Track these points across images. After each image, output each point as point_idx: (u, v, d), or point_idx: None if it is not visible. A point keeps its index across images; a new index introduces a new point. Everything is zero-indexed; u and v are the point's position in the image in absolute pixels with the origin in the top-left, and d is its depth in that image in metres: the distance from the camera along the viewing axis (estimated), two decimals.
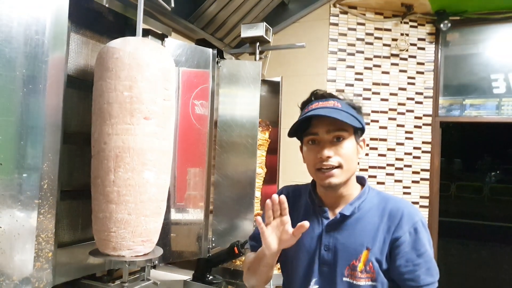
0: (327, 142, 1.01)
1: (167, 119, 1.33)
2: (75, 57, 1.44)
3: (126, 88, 1.25)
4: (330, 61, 3.08)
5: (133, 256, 1.28)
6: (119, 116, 1.25)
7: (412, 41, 3.10)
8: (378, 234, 1.00)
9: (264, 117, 2.36)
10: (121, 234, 1.25)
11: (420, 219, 1.01)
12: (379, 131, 3.11)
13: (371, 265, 0.99)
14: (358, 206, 1.04)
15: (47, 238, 1.19)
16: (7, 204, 1.06)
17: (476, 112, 3.08)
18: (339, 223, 1.04)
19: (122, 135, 1.25)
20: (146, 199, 1.27)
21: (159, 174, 1.30)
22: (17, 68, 1.09)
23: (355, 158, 1.04)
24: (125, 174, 1.24)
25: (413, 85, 3.11)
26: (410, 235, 0.99)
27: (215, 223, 2.02)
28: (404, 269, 0.98)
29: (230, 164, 2.03)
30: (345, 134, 1.01)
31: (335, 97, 1.06)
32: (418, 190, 3.10)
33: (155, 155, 1.28)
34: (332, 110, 1.00)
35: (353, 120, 1.01)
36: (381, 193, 1.10)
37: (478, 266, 5.99)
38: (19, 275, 1.11)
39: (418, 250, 0.98)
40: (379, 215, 1.03)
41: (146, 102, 1.26)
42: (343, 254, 1.01)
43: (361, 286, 0.99)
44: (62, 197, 1.29)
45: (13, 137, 1.09)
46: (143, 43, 1.31)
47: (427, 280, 0.98)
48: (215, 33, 2.76)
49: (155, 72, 1.28)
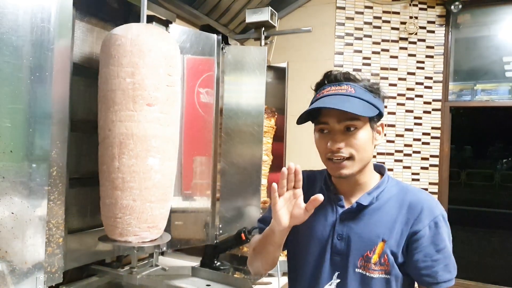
0: (337, 132, 0.95)
1: (171, 105, 1.32)
2: (80, 45, 1.45)
3: (128, 75, 1.26)
4: (337, 46, 3.04)
5: (140, 242, 1.30)
6: (122, 102, 1.26)
7: (421, 24, 3.03)
8: (395, 226, 0.96)
9: (270, 104, 2.35)
10: (126, 220, 1.27)
11: (441, 213, 0.97)
12: (387, 117, 3.07)
13: (386, 257, 0.95)
14: (376, 196, 0.99)
15: (57, 224, 1.21)
16: (18, 191, 1.08)
17: (487, 97, 3.03)
18: (355, 213, 1.00)
19: (126, 121, 1.26)
20: (151, 185, 1.27)
21: (164, 160, 1.30)
22: (24, 56, 1.10)
23: (370, 146, 0.98)
24: (129, 161, 1.25)
25: (422, 69, 3.06)
26: (430, 229, 0.94)
27: (222, 210, 2.03)
28: (421, 264, 0.94)
29: (236, 152, 2.04)
30: (358, 123, 0.94)
31: (350, 80, 0.98)
32: (427, 176, 3.07)
33: (159, 141, 1.28)
34: (343, 98, 0.94)
35: (368, 108, 0.94)
36: (401, 183, 1.05)
37: (488, 254, 5.96)
38: (31, 259, 1.13)
39: (438, 246, 0.94)
40: (397, 206, 0.98)
41: (149, 88, 1.26)
42: (357, 244, 0.97)
43: (374, 278, 0.95)
44: (71, 184, 1.31)
45: (22, 125, 1.10)
46: (145, 29, 1.31)
47: (445, 276, 0.94)
48: (220, 19, 2.73)
49: (158, 57, 1.27)
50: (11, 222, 1.07)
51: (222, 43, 1.98)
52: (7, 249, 1.06)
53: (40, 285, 1.16)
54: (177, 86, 1.36)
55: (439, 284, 0.94)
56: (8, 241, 1.06)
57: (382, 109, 0.99)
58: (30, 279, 1.13)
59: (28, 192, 1.11)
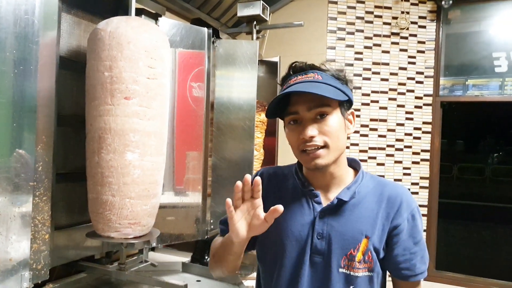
0: (309, 121, 0.91)
1: (152, 98, 1.28)
2: (67, 38, 1.42)
3: (106, 68, 1.24)
4: (329, 41, 3.03)
5: (122, 238, 1.27)
6: (101, 97, 1.25)
7: (412, 19, 3.04)
8: (377, 221, 0.93)
9: (261, 98, 2.34)
10: (107, 216, 1.25)
11: (416, 205, 0.96)
12: (379, 112, 3.08)
13: (370, 254, 0.92)
14: (356, 190, 0.95)
15: (43, 221, 1.19)
16: (2, 187, 1.06)
17: (478, 92, 3.05)
18: (335, 209, 0.94)
19: (104, 116, 1.24)
20: (130, 181, 1.24)
21: (144, 155, 1.26)
22: (7, 49, 1.08)
23: (343, 134, 0.94)
24: (107, 156, 1.23)
25: (414, 64, 3.07)
26: (408, 222, 0.93)
27: (213, 205, 2.02)
28: (400, 258, 0.93)
29: (227, 147, 2.03)
30: (328, 109, 0.91)
31: (316, 69, 0.94)
32: (418, 171, 3.09)
33: (137, 136, 1.24)
34: (311, 84, 0.90)
35: (336, 92, 0.90)
36: (375, 177, 1.02)
37: (479, 247, 6.03)
38: (16, 257, 1.12)
39: (415, 238, 0.94)
40: (376, 200, 0.95)
41: (126, 81, 1.23)
42: (340, 243, 0.92)
43: (359, 277, 0.92)
44: (58, 179, 1.29)
45: (6, 119, 1.08)
46: (125, 21, 1.27)
47: (422, 268, 0.95)
48: (211, 13, 2.71)
49: (137, 50, 1.24)
50: None
51: (213, 37, 1.96)
52: None
53: (25, 282, 1.14)
54: (163, 78, 1.31)
55: (417, 275, 0.94)
56: None
57: (351, 96, 0.96)
58: (14, 277, 1.11)
59: (12, 188, 1.09)
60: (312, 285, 0.94)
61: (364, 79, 3.07)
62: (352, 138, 3.09)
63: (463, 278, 3.07)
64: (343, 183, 0.98)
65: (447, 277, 3.08)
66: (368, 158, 3.09)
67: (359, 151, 3.08)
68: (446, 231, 5.26)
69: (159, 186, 1.34)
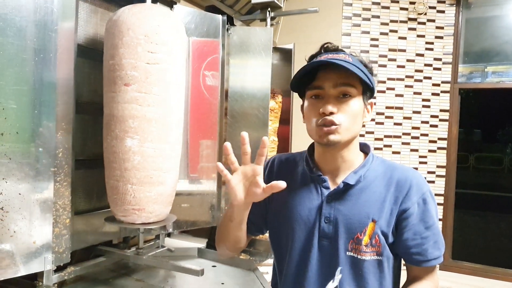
0: (331, 97, 0.92)
1: (152, 84, 1.26)
2: (84, 26, 1.43)
3: (111, 57, 1.26)
4: (345, 27, 2.99)
5: (129, 223, 1.29)
6: (107, 85, 1.28)
7: (431, 3, 2.96)
8: (384, 205, 0.93)
9: (276, 86, 2.33)
10: (114, 200, 1.29)
11: (428, 189, 0.95)
12: (395, 99, 3.04)
13: (377, 238, 0.92)
14: (363, 174, 0.96)
15: (64, 205, 1.22)
16: (24, 172, 1.09)
17: (498, 79, 2.97)
18: (341, 193, 0.95)
19: (109, 103, 1.27)
20: (130, 167, 1.24)
21: (143, 142, 1.25)
22: (28, 37, 1.10)
23: (360, 119, 0.95)
24: (111, 142, 1.26)
25: (431, 50, 3.00)
26: (419, 206, 0.93)
27: (227, 193, 2.04)
28: (411, 242, 0.92)
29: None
30: (353, 91, 0.92)
31: (346, 52, 0.97)
32: (434, 159, 3.05)
33: (136, 122, 1.24)
34: (342, 62, 0.90)
35: (364, 75, 0.91)
36: (386, 161, 1.02)
37: (496, 237, 5.95)
38: (39, 240, 1.15)
39: (427, 223, 0.93)
40: (385, 184, 0.95)
41: (126, 68, 1.23)
42: (346, 226, 0.93)
43: (366, 260, 0.92)
44: (77, 166, 1.31)
45: (27, 106, 1.10)
46: (128, 9, 1.28)
47: (435, 253, 0.93)
48: (225, 0, 2.69)
49: (135, 36, 1.23)
50: (18, 203, 1.08)
51: (227, 24, 1.95)
52: (16, 229, 1.08)
53: (48, 264, 1.18)
54: (165, 63, 1.28)
55: (429, 261, 0.93)
56: (16, 222, 1.08)
57: (375, 86, 0.97)
58: (38, 259, 1.15)
59: (34, 173, 1.12)
60: (321, 268, 0.96)
61: (380, 66, 3.02)
62: (368, 126, 3.05)
63: (480, 268, 3.04)
64: (352, 168, 0.98)
65: (464, 267, 3.05)
66: (383, 146, 3.06)
67: (375, 139, 3.05)
68: (462, 221, 5.19)
69: (166, 173, 1.32)
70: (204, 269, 1.37)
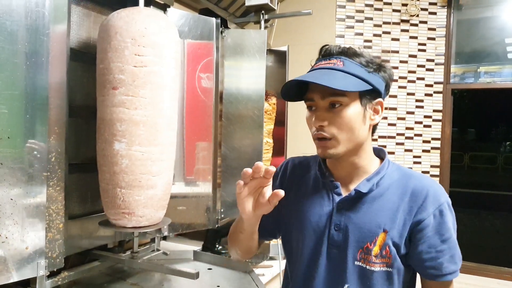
0: (322, 109, 0.88)
1: (140, 87, 1.24)
2: (77, 30, 1.43)
3: (100, 61, 1.28)
4: (338, 29, 3.00)
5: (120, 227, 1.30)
6: (98, 89, 1.30)
7: (423, 5, 2.98)
8: (397, 215, 0.88)
9: (270, 88, 2.33)
10: (106, 203, 1.30)
11: (446, 200, 0.89)
12: (388, 100, 3.05)
13: (388, 249, 0.87)
14: (376, 182, 0.91)
15: (57, 210, 1.21)
16: (16, 177, 1.08)
17: (490, 79, 3.00)
18: (353, 201, 0.91)
19: (100, 107, 1.29)
20: (118, 170, 1.24)
21: (131, 145, 1.24)
22: (19, 41, 1.09)
23: (359, 125, 0.89)
24: (101, 145, 1.27)
25: (424, 51, 3.03)
26: (435, 218, 0.87)
27: (223, 195, 2.04)
28: (425, 255, 0.87)
29: (236, 137, 2.03)
30: (342, 99, 0.86)
31: (343, 54, 0.90)
32: (428, 159, 3.07)
33: (124, 125, 1.24)
34: (326, 72, 0.87)
35: (353, 83, 0.85)
36: (402, 168, 0.97)
37: (491, 235, 5.99)
38: (32, 245, 1.14)
39: (443, 235, 0.87)
40: (399, 193, 0.90)
41: (114, 72, 1.24)
42: (356, 235, 0.89)
43: (375, 272, 0.88)
44: (70, 170, 1.30)
45: (19, 111, 1.10)
46: (117, 13, 1.28)
47: (450, 268, 0.88)
48: (219, 3, 2.69)
49: (123, 39, 1.23)
50: (10, 208, 1.07)
51: (221, 27, 1.95)
52: (8, 235, 1.07)
53: (41, 270, 1.17)
54: (154, 66, 1.27)
55: (445, 276, 0.88)
56: (8, 227, 1.07)
57: (379, 86, 0.90)
58: (31, 265, 1.14)
59: (26, 178, 1.11)
60: (329, 275, 0.93)
61: None
62: None
63: (475, 266, 3.06)
64: (366, 174, 0.94)
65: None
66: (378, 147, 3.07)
67: None
68: (457, 220, 5.21)
69: (157, 177, 1.30)
70: (199, 272, 1.37)
